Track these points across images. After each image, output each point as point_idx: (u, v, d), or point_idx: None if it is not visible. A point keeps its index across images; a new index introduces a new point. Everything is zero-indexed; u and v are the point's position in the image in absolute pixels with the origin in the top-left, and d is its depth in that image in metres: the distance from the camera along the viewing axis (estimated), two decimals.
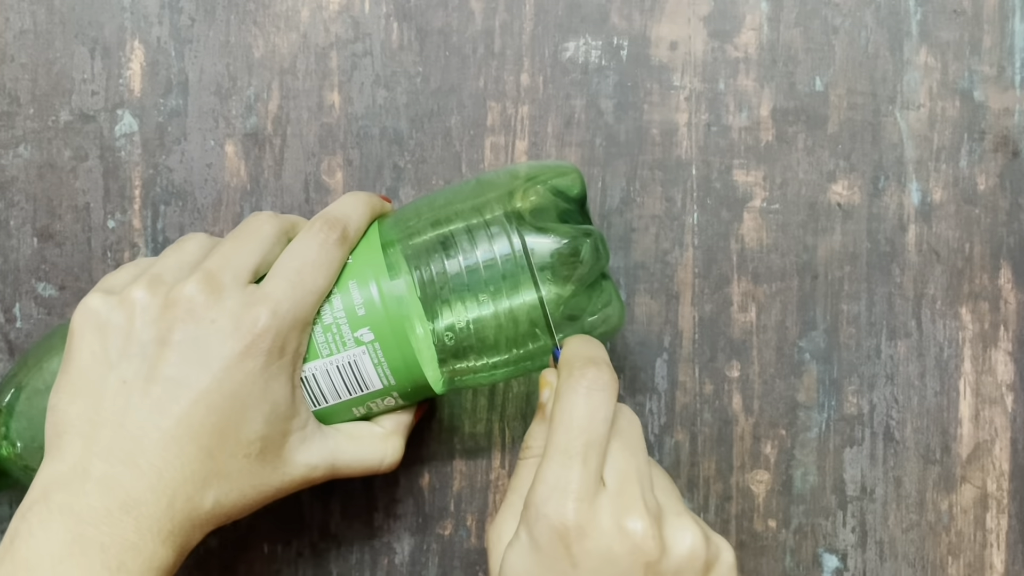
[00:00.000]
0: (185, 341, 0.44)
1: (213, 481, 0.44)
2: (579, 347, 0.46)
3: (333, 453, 0.47)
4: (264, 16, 0.55)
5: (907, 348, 0.55)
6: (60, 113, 0.55)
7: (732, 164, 0.55)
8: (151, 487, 0.43)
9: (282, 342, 0.45)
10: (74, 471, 0.43)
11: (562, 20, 0.55)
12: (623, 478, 0.44)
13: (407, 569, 0.55)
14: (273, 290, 0.45)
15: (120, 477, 0.43)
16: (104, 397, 0.44)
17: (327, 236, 0.46)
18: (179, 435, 0.43)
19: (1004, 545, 0.55)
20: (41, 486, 0.43)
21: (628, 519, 0.43)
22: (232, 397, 0.44)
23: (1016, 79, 0.55)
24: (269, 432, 0.45)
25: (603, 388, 0.44)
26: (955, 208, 0.55)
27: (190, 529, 0.44)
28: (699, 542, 0.43)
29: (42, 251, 0.55)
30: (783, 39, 0.55)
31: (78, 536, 0.42)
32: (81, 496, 0.42)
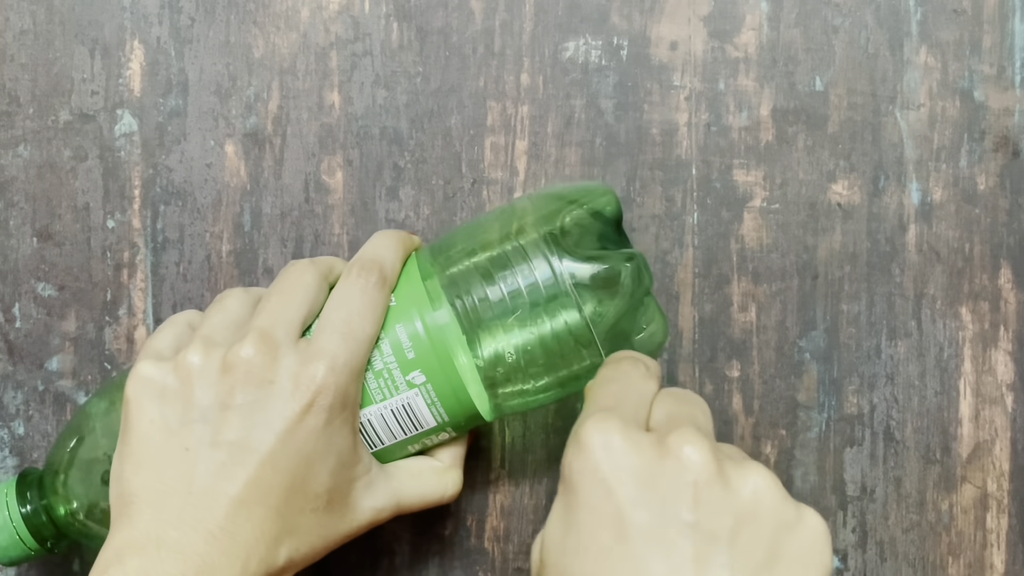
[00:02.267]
0: (246, 404, 0.44)
1: (284, 539, 0.44)
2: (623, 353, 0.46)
3: (396, 494, 0.47)
4: (264, 16, 0.55)
5: (907, 348, 0.55)
6: (60, 113, 0.55)
7: (732, 164, 0.55)
8: (224, 551, 0.42)
9: (342, 396, 0.44)
10: (147, 538, 0.42)
11: (562, 20, 0.55)
12: (671, 415, 0.40)
13: (407, 569, 0.55)
14: (327, 344, 0.45)
15: (193, 543, 0.42)
16: (169, 465, 0.44)
17: (367, 280, 0.46)
18: (247, 498, 0.43)
19: (1004, 545, 0.55)
20: (115, 549, 0.43)
21: (674, 438, 0.38)
22: (297, 456, 0.44)
23: (1016, 79, 0.55)
24: (335, 484, 0.45)
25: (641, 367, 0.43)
26: (955, 208, 0.55)
27: None
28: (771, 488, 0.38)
29: (42, 251, 0.55)
30: (783, 39, 0.55)
31: None
32: (157, 563, 0.42)
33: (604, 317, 0.46)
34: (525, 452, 0.55)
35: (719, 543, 0.37)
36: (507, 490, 0.55)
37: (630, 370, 0.43)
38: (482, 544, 0.55)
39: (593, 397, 0.43)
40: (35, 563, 0.55)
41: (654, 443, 0.38)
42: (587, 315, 0.45)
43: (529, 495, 0.55)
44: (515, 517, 0.55)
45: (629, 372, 0.43)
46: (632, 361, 0.44)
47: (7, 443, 0.55)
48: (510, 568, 0.55)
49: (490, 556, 0.55)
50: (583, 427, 0.39)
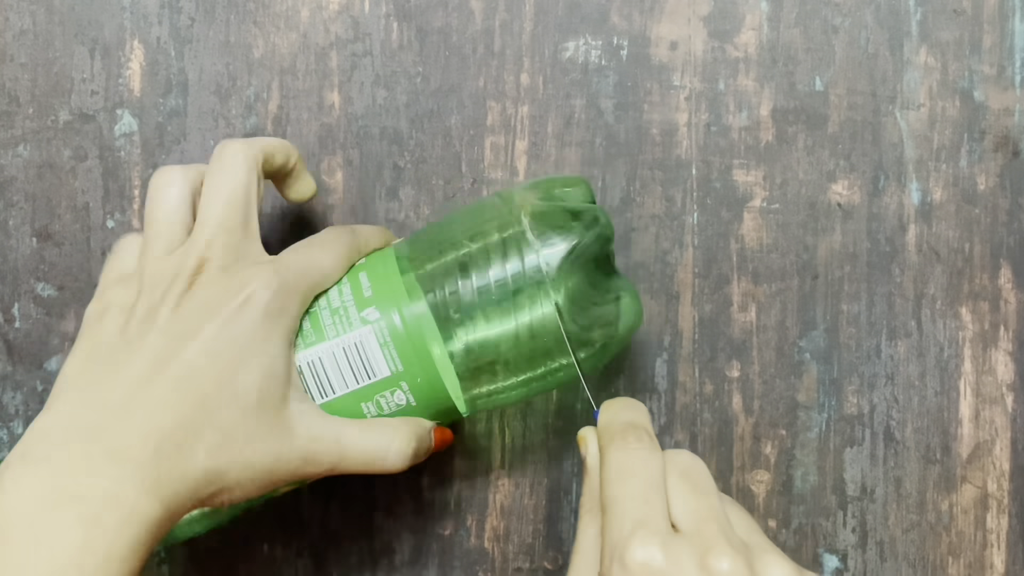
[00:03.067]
0: (187, 301, 0.44)
1: (206, 431, 0.42)
2: (619, 410, 0.46)
3: (337, 433, 0.45)
4: (264, 16, 0.55)
5: (907, 348, 0.55)
6: (59, 113, 0.55)
7: (732, 164, 0.55)
8: (139, 433, 0.41)
9: (281, 302, 0.45)
10: (60, 422, 0.41)
11: (562, 20, 0.55)
12: (697, 517, 0.42)
13: (407, 569, 0.55)
14: (280, 258, 0.46)
15: (107, 424, 0.41)
16: (106, 356, 0.43)
17: (340, 231, 0.48)
18: (175, 380, 0.42)
19: (1004, 545, 0.55)
20: (23, 442, 0.41)
21: (712, 557, 0.40)
22: (230, 344, 0.43)
23: (1016, 79, 0.55)
24: (265, 386, 0.44)
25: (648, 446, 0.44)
26: (955, 208, 0.55)
27: (179, 482, 0.41)
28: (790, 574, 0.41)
29: (41, 251, 0.55)
30: (783, 39, 0.55)
31: (52, 488, 0.39)
32: (62, 446, 0.40)
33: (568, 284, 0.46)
34: (525, 452, 0.55)
35: None
36: (507, 490, 0.55)
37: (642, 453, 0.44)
38: (482, 544, 0.55)
39: (617, 496, 0.43)
40: None
41: (695, 562, 0.40)
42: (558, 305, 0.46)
43: (529, 495, 0.55)
44: (515, 517, 0.55)
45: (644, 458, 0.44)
46: (637, 437, 0.44)
47: (7, 443, 0.55)
48: (510, 568, 0.55)
49: (490, 556, 0.55)
50: (628, 549, 0.41)
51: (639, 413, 0.46)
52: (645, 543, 0.40)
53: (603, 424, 0.46)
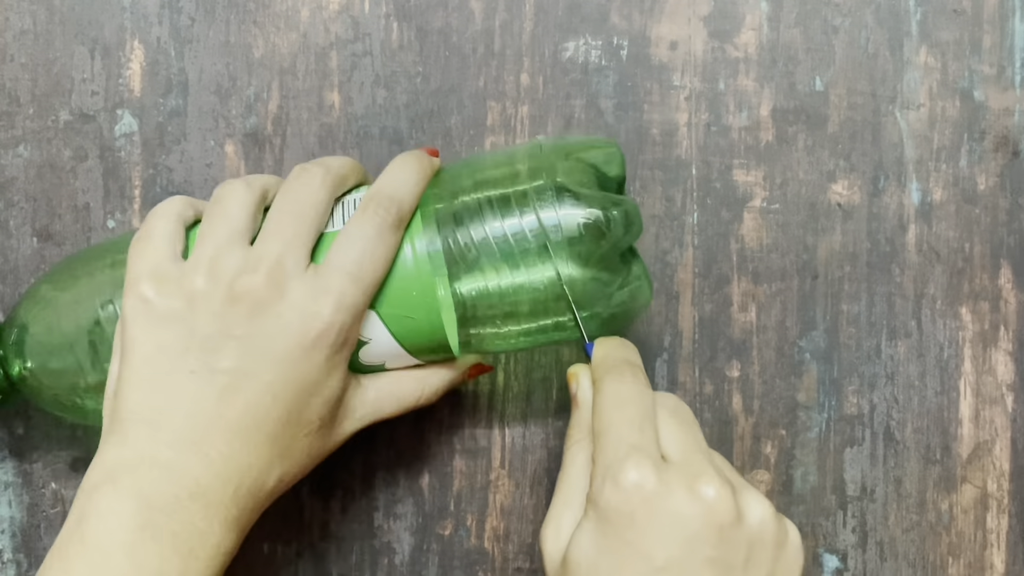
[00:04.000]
0: (251, 334, 0.44)
1: (276, 463, 0.45)
2: (614, 347, 0.48)
3: (376, 404, 0.48)
4: (264, 16, 0.55)
5: (907, 348, 0.55)
6: (60, 113, 0.55)
7: (732, 164, 0.55)
8: (218, 475, 0.43)
9: (345, 334, 0.45)
10: (141, 458, 0.43)
11: (562, 20, 0.55)
12: (685, 448, 0.44)
13: (407, 569, 0.55)
14: (336, 283, 0.44)
15: (188, 465, 0.43)
16: (170, 387, 0.44)
17: (383, 220, 0.45)
18: (245, 424, 0.44)
19: (1004, 545, 0.55)
20: (106, 469, 0.43)
21: (700, 483, 0.43)
22: (296, 387, 0.44)
23: (1016, 79, 0.55)
24: (326, 412, 0.46)
25: (642, 380, 0.46)
26: (955, 208, 0.55)
27: (254, 509, 0.45)
28: (771, 514, 0.44)
29: (42, 251, 0.55)
30: (783, 39, 0.55)
31: (149, 522, 0.42)
32: (149, 482, 0.42)
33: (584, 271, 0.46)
34: (525, 452, 0.55)
35: (733, 570, 0.43)
36: (507, 490, 0.55)
37: (636, 385, 0.46)
38: (482, 544, 0.55)
39: (611, 423, 0.45)
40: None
41: (684, 486, 0.42)
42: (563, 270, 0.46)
43: (529, 495, 0.55)
44: (515, 517, 0.55)
45: (638, 389, 0.46)
46: (632, 371, 0.46)
47: (7, 443, 0.55)
48: (510, 568, 0.55)
49: (490, 556, 0.55)
50: (622, 469, 0.43)
51: (633, 352, 0.48)
52: (639, 465, 0.43)
53: (599, 358, 0.47)
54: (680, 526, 0.42)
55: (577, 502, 0.45)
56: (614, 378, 0.46)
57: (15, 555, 0.55)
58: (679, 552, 0.42)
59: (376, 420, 0.48)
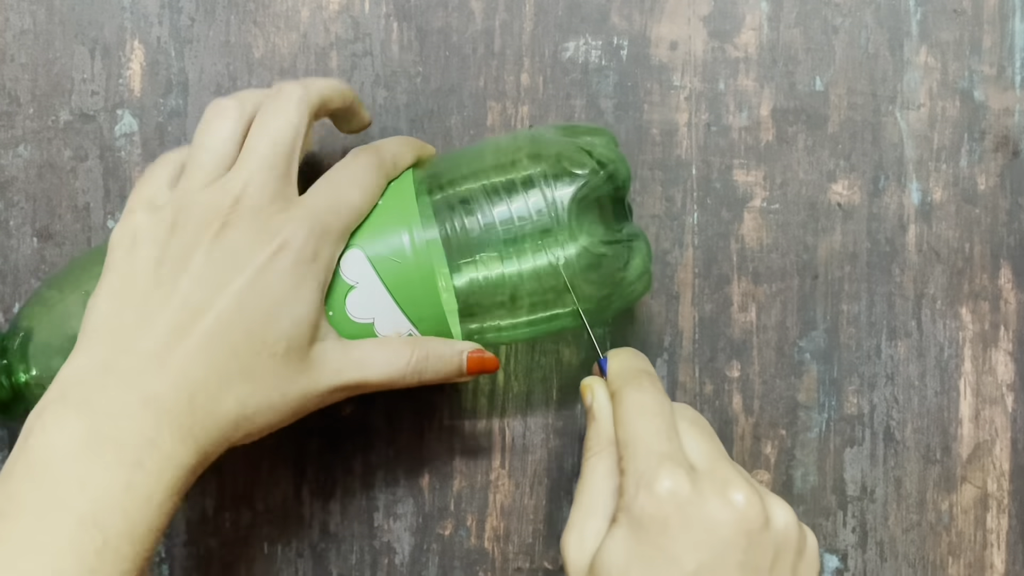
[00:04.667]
0: (219, 247, 0.44)
1: (237, 380, 0.44)
2: (629, 358, 0.49)
3: (359, 356, 0.46)
4: (264, 16, 0.55)
5: (907, 348, 0.55)
6: (60, 113, 0.55)
7: (732, 164, 0.55)
8: (173, 383, 0.42)
9: (314, 248, 0.45)
10: (95, 366, 0.42)
11: (562, 20, 0.55)
12: (710, 457, 0.45)
13: (407, 569, 0.55)
14: (311, 201, 0.45)
15: (142, 372, 0.42)
16: (136, 300, 0.44)
17: (369, 159, 0.47)
18: (207, 331, 0.43)
19: (1004, 545, 0.55)
20: (60, 382, 0.43)
21: (731, 490, 0.44)
22: (261, 295, 0.44)
23: (1016, 79, 0.55)
24: (294, 333, 0.45)
25: (661, 390, 0.47)
26: (955, 208, 0.55)
27: (212, 429, 0.43)
28: (794, 520, 0.45)
29: (42, 251, 0.55)
30: (783, 39, 0.55)
31: (93, 432, 0.41)
32: (99, 391, 0.42)
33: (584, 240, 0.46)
34: (525, 452, 0.55)
35: (760, 573, 0.43)
36: (507, 490, 0.55)
37: (657, 396, 0.47)
38: (482, 544, 0.55)
39: (639, 433, 0.45)
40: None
41: (716, 493, 0.43)
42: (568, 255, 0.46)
43: (529, 495, 0.55)
44: (515, 517, 0.55)
45: (659, 400, 0.46)
46: (651, 381, 0.47)
47: (7, 442, 0.55)
48: (510, 568, 0.55)
49: (490, 556, 0.55)
50: (657, 477, 0.43)
51: (647, 362, 0.49)
52: (674, 474, 0.43)
53: (616, 369, 0.48)
54: (713, 532, 0.43)
55: (600, 511, 0.45)
56: (634, 388, 0.47)
57: None
58: (710, 558, 0.43)
59: (360, 384, 0.47)
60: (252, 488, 0.55)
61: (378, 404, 0.55)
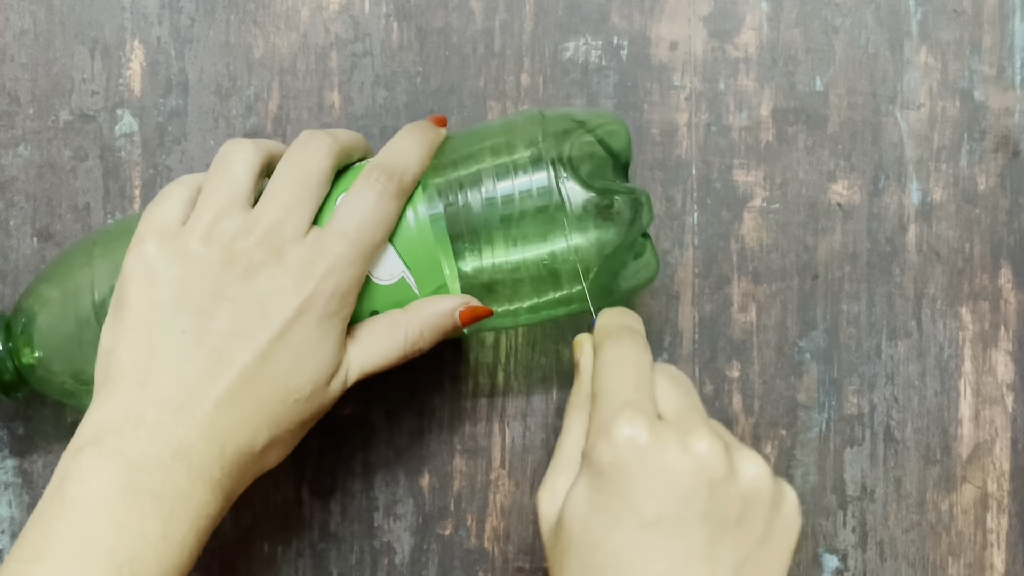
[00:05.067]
0: (244, 296, 0.44)
1: (263, 428, 0.44)
2: (616, 315, 0.48)
3: (360, 359, 0.47)
4: (264, 16, 0.55)
5: (907, 348, 0.55)
6: (60, 113, 0.55)
7: (732, 164, 0.55)
8: (203, 436, 0.43)
9: (340, 298, 0.45)
10: (127, 417, 0.43)
11: (562, 20, 0.55)
12: (681, 407, 0.45)
13: (407, 569, 0.55)
14: (334, 246, 0.45)
15: (173, 425, 0.43)
16: (161, 347, 0.44)
17: (385, 188, 0.46)
18: (235, 386, 0.43)
19: (1004, 545, 0.55)
20: (92, 429, 0.43)
21: (692, 438, 0.43)
22: (288, 350, 0.44)
23: (1016, 79, 0.55)
24: (318, 379, 0.45)
25: (641, 345, 0.46)
26: (955, 208, 0.55)
27: (239, 475, 0.44)
28: (765, 473, 0.43)
29: (42, 251, 0.55)
30: (783, 39, 0.55)
31: (131, 482, 0.42)
32: (134, 442, 0.42)
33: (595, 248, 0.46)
34: (525, 452, 0.55)
35: (728, 526, 0.42)
36: (507, 490, 0.55)
37: (635, 349, 0.46)
38: (482, 544, 0.55)
39: (608, 383, 0.45)
40: None
41: (676, 441, 0.43)
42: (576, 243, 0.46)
43: (529, 495, 0.55)
44: (515, 517, 0.55)
45: (636, 352, 0.46)
46: (632, 336, 0.47)
47: (7, 443, 0.55)
48: (510, 568, 0.55)
49: (490, 556, 0.55)
50: (615, 424, 0.43)
51: (635, 320, 0.48)
52: (632, 420, 0.43)
53: (600, 326, 0.48)
54: (672, 480, 0.42)
55: (572, 465, 0.45)
56: (612, 342, 0.46)
57: None
58: (671, 507, 0.42)
59: (363, 377, 0.47)
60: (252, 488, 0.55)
61: (378, 404, 0.55)
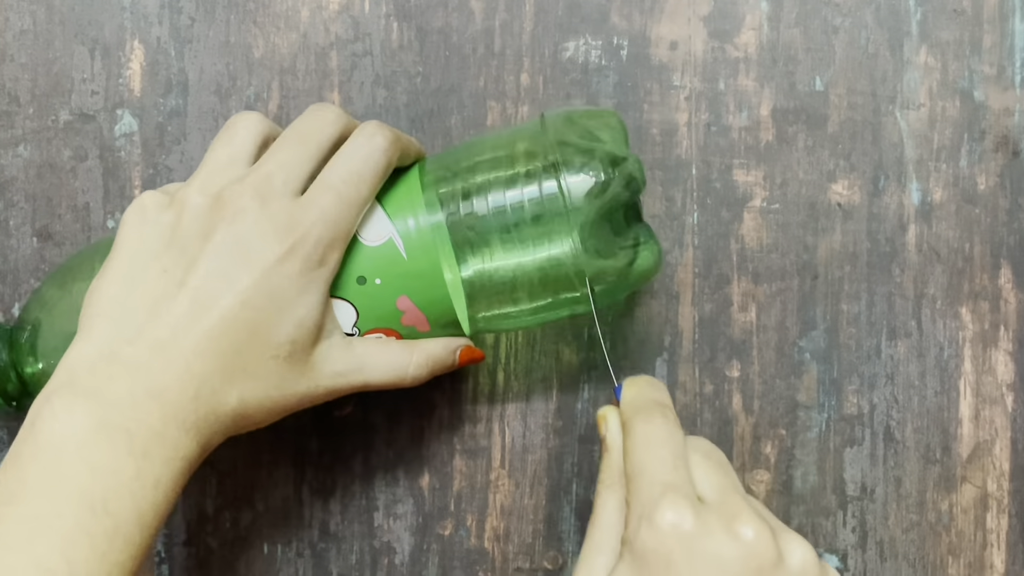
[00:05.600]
0: (228, 241, 0.44)
1: (239, 377, 0.44)
2: (643, 388, 0.47)
3: (360, 360, 0.47)
4: (264, 16, 0.55)
5: (907, 348, 0.55)
6: (60, 113, 0.55)
7: (732, 164, 0.55)
8: (178, 376, 0.43)
9: (322, 252, 0.45)
10: (102, 354, 0.43)
11: (562, 20, 0.55)
12: (721, 490, 0.43)
13: (407, 569, 0.55)
14: (319, 199, 0.45)
15: (148, 364, 0.43)
16: (143, 283, 0.44)
17: (376, 142, 0.46)
18: (213, 328, 0.43)
19: (1004, 545, 0.55)
20: (67, 368, 0.43)
21: (739, 524, 0.41)
22: (268, 297, 0.44)
23: (1016, 79, 0.55)
24: (298, 337, 0.45)
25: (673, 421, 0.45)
26: (955, 208, 0.55)
27: (214, 423, 0.44)
28: (812, 557, 0.42)
29: (41, 251, 0.55)
30: (783, 39, 0.55)
31: (103, 421, 0.41)
32: (107, 380, 0.42)
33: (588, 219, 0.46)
34: (525, 452, 0.55)
35: None
36: (507, 490, 0.55)
37: (668, 426, 0.45)
38: (482, 544, 0.55)
39: (644, 463, 0.44)
40: None
41: (722, 527, 0.41)
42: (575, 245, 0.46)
43: (529, 495, 0.55)
44: (515, 517, 0.55)
45: (670, 430, 0.45)
46: (663, 412, 0.45)
47: (6, 443, 0.55)
48: (510, 568, 0.55)
49: (490, 556, 0.55)
50: (658, 509, 0.41)
51: (663, 393, 0.47)
52: (675, 505, 0.41)
53: (629, 399, 0.47)
54: (719, 568, 0.41)
55: (609, 546, 0.44)
56: (644, 419, 0.45)
57: None
58: None
59: (361, 384, 0.47)
60: (252, 488, 0.55)
61: (378, 404, 0.55)
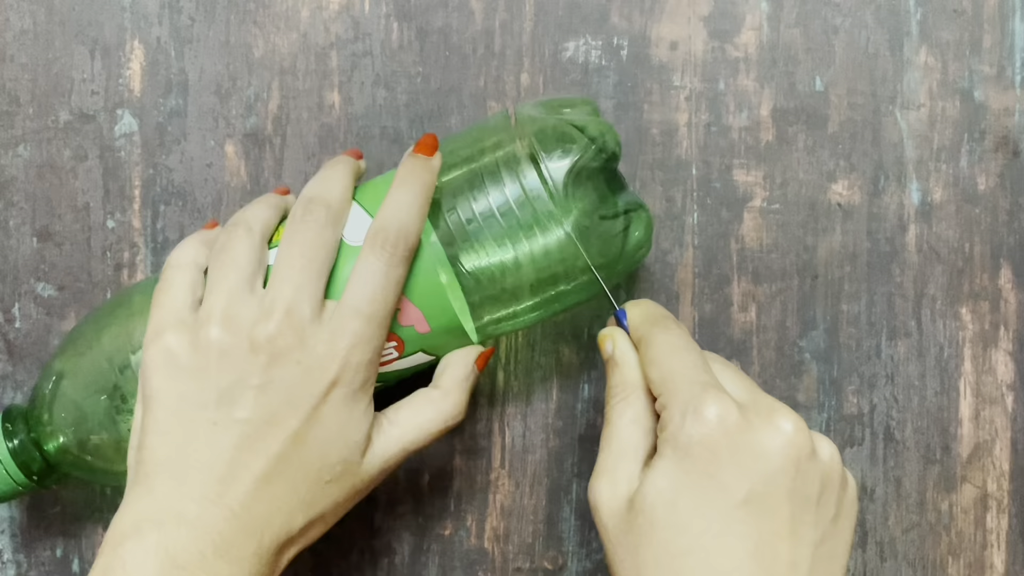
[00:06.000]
0: (271, 384, 0.44)
1: (297, 512, 0.45)
2: (649, 305, 0.48)
3: (401, 441, 0.47)
4: (264, 16, 0.55)
5: (907, 348, 0.55)
6: (60, 113, 0.55)
7: (732, 164, 0.55)
8: (242, 528, 0.43)
9: (363, 375, 0.45)
10: (167, 512, 0.43)
11: (562, 20, 0.55)
12: (749, 390, 0.45)
13: (407, 569, 0.55)
14: (351, 324, 0.45)
15: (212, 520, 0.43)
16: (193, 439, 0.44)
17: (392, 256, 0.45)
18: (268, 473, 0.44)
19: (1004, 545, 0.55)
20: (132, 520, 0.43)
21: (779, 418, 0.44)
22: (319, 432, 0.45)
23: (1016, 79, 0.55)
24: (349, 456, 0.46)
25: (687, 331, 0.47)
26: (955, 208, 0.55)
27: (278, 560, 0.45)
28: (837, 453, 0.45)
29: (41, 251, 0.55)
30: (783, 39, 0.55)
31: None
32: (175, 539, 0.43)
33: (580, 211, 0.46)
34: (525, 452, 0.55)
35: (809, 505, 0.43)
36: (507, 490, 0.55)
37: (685, 334, 0.47)
38: (482, 544, 0.55)
39: (676, 367, 0.45)
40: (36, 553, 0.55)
41: (763, 420, 0.43)
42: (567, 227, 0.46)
43: (529, 495, 0.55)
44: (515, 517, 0.55)
45: (687, 337, 0.47)
46: (676, 323, 0.47)
47: None
48: (510, 568, 0.55)
49: (490, 556, 0.55)
50: (704, 404, 0.43)
51: (663, 309, 0.49)
52: (720, 399, 0.43)
53: (638, 316, 0.48)
54: (762, 459, 0.43)
55: (631, 454, 0.45)
56: (663, 329, 0.47)
57: (15, 555, 0.55)
58: (760, 485, 0.43)
59: (404, 456, 0.47)
60: None
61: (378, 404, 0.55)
